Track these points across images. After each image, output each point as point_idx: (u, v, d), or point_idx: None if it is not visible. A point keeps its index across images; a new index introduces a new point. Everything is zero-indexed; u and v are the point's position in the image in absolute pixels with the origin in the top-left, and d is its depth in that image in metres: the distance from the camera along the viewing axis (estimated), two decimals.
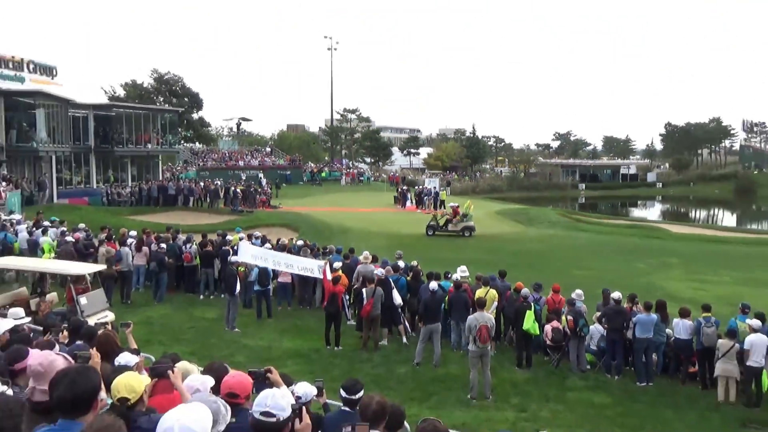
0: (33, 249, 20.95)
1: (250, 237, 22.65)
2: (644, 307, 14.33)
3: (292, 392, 5.51)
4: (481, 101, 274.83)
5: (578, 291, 15.68)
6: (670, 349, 14.45)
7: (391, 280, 16.47)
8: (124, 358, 6.18)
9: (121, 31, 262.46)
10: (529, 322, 14.62)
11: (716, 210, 74.60)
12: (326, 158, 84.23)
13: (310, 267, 18.02)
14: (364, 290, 15.86)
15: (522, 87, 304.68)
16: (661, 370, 14.53)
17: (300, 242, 21.95)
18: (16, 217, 25.70)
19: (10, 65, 42.08)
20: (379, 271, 16.54)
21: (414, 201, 49.80)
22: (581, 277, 23.63)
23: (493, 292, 15.81)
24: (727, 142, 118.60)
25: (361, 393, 6.11)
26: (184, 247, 20.85)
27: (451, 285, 15.97)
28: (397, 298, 16.19)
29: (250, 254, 17.98)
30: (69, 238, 20.55)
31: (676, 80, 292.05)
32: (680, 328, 13.96)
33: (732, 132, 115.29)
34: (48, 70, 45.46)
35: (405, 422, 5.79)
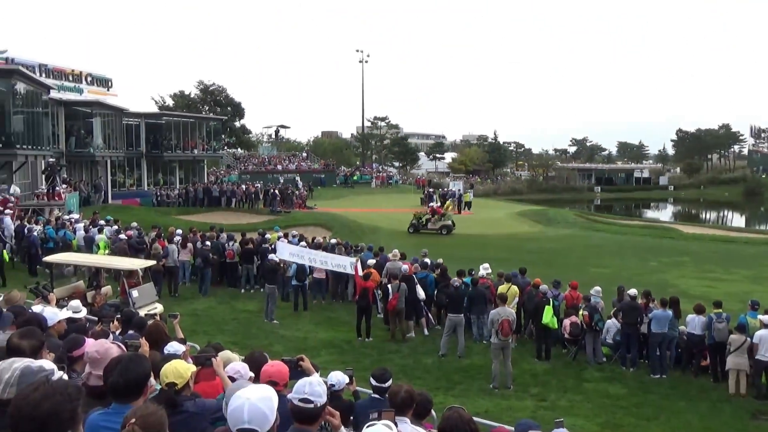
0: (89, 246, 21.26)
1: (287, 235, 22.76)
2: (660, 303, 14.13)
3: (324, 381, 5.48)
4: (503, 107, 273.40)
5: (597, 288, 15.56)
6: (683, 343, 14.20)
7: (415, 276, 16.43)
8: (173, 346, 6.21)
9: (171, 45, 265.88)
10: (548, 317, 14.48)
11: (726, 212, 73.18)
12: (358, 163, 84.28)
13: (343, 264, 18.06)
14: (389, 286, 15.85)
15: (541, 94, 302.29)
16: (674, 363, 14.28)
17: (334, 241, 22.05)
18: (75, 216, 26.08)
19: (70, 78, 42.81)
20: (403, 268, 16.52)
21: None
22: (597, 274, 23.33)
23: (514, 288, 15.70)
24: (735, 147, 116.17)
25: (390, 381, 6.08)
26: (227, 244, 21.00)
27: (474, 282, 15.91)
28: (421, 293, 16.14)
29: (287, 252, 18.11)
30: (122, 236, 20.78)
31: (687, 88, 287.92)
32: (694, 323, 13.74)
33: (740, 138, 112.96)
34: (104, 82, 46.16)
35: (432, 410, 5.73)
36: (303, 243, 20.97)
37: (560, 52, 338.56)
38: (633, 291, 14.71)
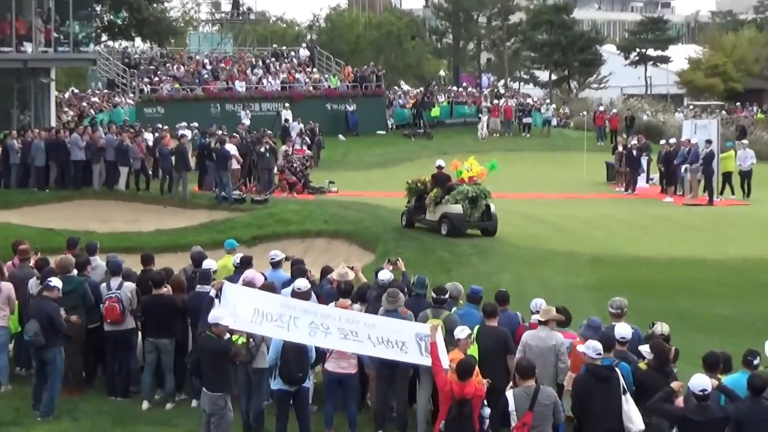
0: None
1: (248, 263, 22.56)
2: None
3: None
4: None
5: None
6: None
7: (619, 372, 16.22)
8: None
9: None
10: None
11: None
12: (441, 73, 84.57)
13: (400, 338, 17.90)
14: (510, 393, 15.68)
15: None
16: None
17: (385, 276, 21.70)
18: None
19: None
20: (589, 349, 16.27)
21: (658, 176, 49.21)
22: None
23: None
24: None
25: None
26: (105, 286, 21.18)
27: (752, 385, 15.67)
28: (635, 419, 15.88)
29: (250, 308, 17.82)
30: None
31: None
32: None
33: None
34: None
35: None
36: (303, 282, 20.80)
37: None
38: None
